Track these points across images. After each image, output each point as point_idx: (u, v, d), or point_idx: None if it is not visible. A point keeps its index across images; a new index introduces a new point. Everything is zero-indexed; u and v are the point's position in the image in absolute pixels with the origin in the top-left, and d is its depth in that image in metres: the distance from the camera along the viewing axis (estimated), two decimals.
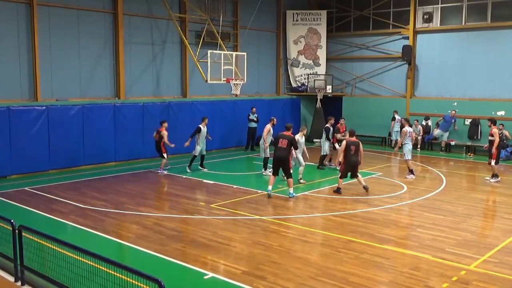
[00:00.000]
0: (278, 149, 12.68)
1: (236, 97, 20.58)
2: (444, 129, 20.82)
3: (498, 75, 20.55)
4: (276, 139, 12.94)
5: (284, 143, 12.62)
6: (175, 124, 19.35)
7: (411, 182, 14.98)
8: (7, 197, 12.54)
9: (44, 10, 16.10)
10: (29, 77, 15.97)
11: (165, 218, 10.84)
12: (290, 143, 12.64)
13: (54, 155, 15.96)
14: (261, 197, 12.91)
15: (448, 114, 20.72)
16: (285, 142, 12.62)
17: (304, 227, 10.24)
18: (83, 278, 6.10)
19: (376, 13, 23.94)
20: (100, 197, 12.74)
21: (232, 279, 7.48)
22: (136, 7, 18.65)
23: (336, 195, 13.16)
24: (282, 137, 12.74)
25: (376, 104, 23.66)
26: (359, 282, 7.42)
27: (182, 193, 13.20)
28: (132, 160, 18.07)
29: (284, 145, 12.60)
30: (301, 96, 25.45)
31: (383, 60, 23.95)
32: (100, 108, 17.17)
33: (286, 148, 12.60)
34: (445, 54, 21.97)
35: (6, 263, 7.29)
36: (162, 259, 8.39)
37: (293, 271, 7.84)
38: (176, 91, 20.43)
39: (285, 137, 12.72)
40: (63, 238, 6.66)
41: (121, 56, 18.08)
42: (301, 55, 25.39)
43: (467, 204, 12.60)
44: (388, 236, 9.73)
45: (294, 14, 25.09)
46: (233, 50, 21.51)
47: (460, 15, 21.52)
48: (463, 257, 8.52)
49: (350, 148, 13.26)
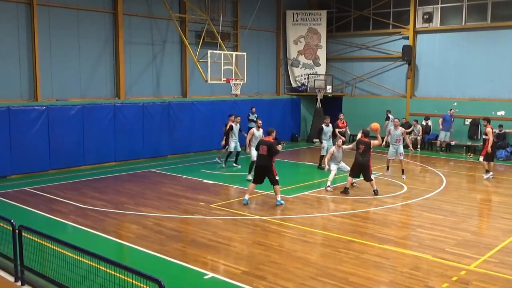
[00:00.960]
0: (259, 156, 11.92)
1: (236, 97, 20.59)
2: (447, 129, 20.77)
3: (498, 75, 20.55)
4: (257, 145, 12.17)
5: (264, 149, 11.76)
6: (175, 124, 19.39)
7: (411, 182, 14.98)
8: (7, 197, 12.54)
9: (44, 10, 16.10)
10: (29, 77, 15.97)
11: (165, 218, 10.84)
12: (269, 149, 11.69)
13: (54, 155, 15.96)
14: (261, 197, 12.91)
15: (447, 114, 20.72)
16: (264, 148, 11.74)
17: (304, 227, 10.24)
18: (83, 278, 6.10)
19: (376, 13, 23.94)
20: (100, 197, 12.74)
21: (232, 279, 7.48)
22: (136, 7, 18.65)
23: (341, 195, 13.09)
24: (262, 143, 11.94)
25: (376, 104, 23.65)
26: (359, 282, 7.42)
27: (182, 193, 13.20)
28: (132, 160, 18.06)
29: (264, 152, 11.73)
30: (301, 96, 25.46)
31: (383, 60, 23.95)
32: (100, 108, 17.17)
33: (267, 155, 11.69)
34: (445, 54, 21.97)
35: (6, 263, 7.29)
36: (162, 259, 8.39)
37: (293, 271, 7.84)
38: (176, 91, 20.43)
39: (265, 143, 11.87)
40: (63, 238, 6.65)
41: (121, 56, 18.08)
42: (301, 55, 25.40)
43: (467, 204, 12.60)
44: (388, 236, 9.73)
45: (294, 14, 25.09)
46: (233, 50, 21.51)
47: (460, 15, 21.52)
48: (463, 257, 8.52)
49: (358, 147, 13.22)
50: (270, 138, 11.98)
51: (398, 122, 15.87)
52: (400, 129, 15.49)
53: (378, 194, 13.03)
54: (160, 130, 18.94)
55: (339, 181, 14.46)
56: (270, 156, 11.73)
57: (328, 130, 16.84)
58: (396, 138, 15.39)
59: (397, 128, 15.47)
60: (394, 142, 15.46)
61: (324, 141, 16.81)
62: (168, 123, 19.22)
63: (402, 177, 15.35)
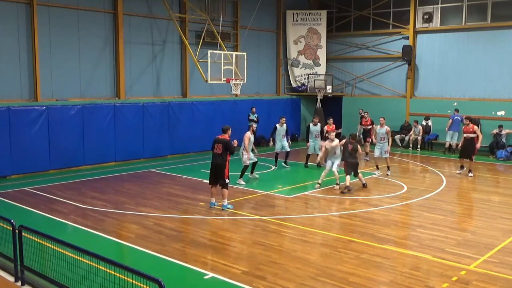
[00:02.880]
0: (214, 155, 11.58)
1: (236, 97, 20.59)
2: (455, 129, 20.58)
3: (498, 75, 20.54)
4: (213, 144, 11.70)
5: (219, 148, 11.44)
6: (175, 124, 19.39)
7: (411, 182, 14.99)
8: (7, 197, 12.54)
9: (44, 10, 16.10)
10: (29, 77, 15.97)
11: (165, 218, 10.84)
12: (225, 147, 11.39)
13: (54, 155, 15.96)
14: (261, 197, 12.91)
15: (453, 114, 20.62)
16: (220, 147, 11.41)
17: (304, 227, 10.24)
18: (83, 278, 6.10)
19: (376, 13, 23.94)
20: (100, 197, 12.74)
21: (232, 279, 7.48)
22: (136, 7, 18.65)
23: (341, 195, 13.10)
24: (217, 142, 11.55)
25: (376, 104, 23.64)
26: (359, 282, 7.42)
27: (182, 193, 13.19)
28: (132, 160, 18.07)
29: (219, 150, 11.42)
30: (301, 96, 25.46)
31: (383, 60, 23.95)
32: (100, 108, 17.17)
33: (222, 154, 11.41)
34: (445, 54, 21.97)
35: (6, 263, 7.29)
36: (162, 259, 8.39)
37: (293, 271, 7.84)
38: (176, 91, 20.43)
39: (220, 141, 11.49)
40: (63, 238, 6.65)
41: (121, 56, 18.08)
42: (301, 55, 25.39)
43: (467, 204, 12.61)
44: (388, 236, 9.73)
45: (294, 14, 25.09)
46: (233, 50, 21.51)
47: (460, 15, 21.52)
48: (463, 257, 8.52)
49: (347, 146, 13.67)
50: (225, 136, 11.62)
51: (384, 120, 16.36)
52: (386, 128, 16.00)
53: (366, 187, 13.72)
54: (160, 130, 18.94)
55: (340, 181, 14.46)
56: (225, 155, 11.50)
57: (314, 130, 17.01)
58: (381, 137, 15.98)
59: (382, 127, 16.02)
60: (380, 140, 16.03)
61: (310, 140, 17.19)
62: (168, 123, 19.22)
63: (388, 173, 15.79)
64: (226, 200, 11.62)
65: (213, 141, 11.70)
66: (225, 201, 11.60)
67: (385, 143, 15.96)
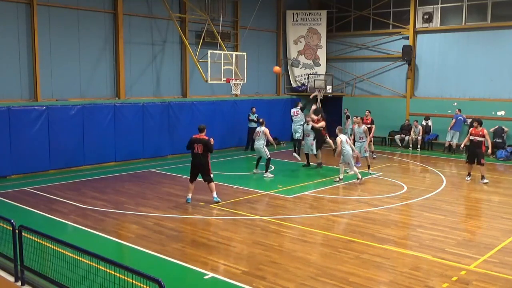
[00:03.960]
0: (194, 155, 11.88)
1: (236, 97, 20.59)
2: (456, 129, 20.59)
3: (498, 75, 20.54)
4: (191, 144, 11.95)
5: (199, 148, 11.76)
6: (175, 124, 19.38)
7: (411, 182, 14.99)
8: (7, 197, 12.54)
9: (44, 10, 16.09)
10: (29, 77, 15.97)
11: (165, 218, 10.84)
12: (206, 146, 11.75)
13: (54, 155, 15.96)
14: (261, 197, 12.91)
15: (455, 114, 20.62)
16: (200, 147, 11.75)
17: (304, 227, 10.24)
18: (83, 278, 6.10)
19: (376, 13, 23.94)
20: (100, 197, 12.74)
21: (232, 279, 7.48)
22: (136, 7, 18.64)
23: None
24: (197, 142, 11.82)
25: (376, 104, 23.63)
26: (359, 282, 7.42)
27: (182, 193, 13.17)
28: (132, 160, 18.07)
29: (200, 150, 11.76)
30: (301, 96, 25.44)
31: (383, 60, 23.95)
32: (100, 108, 17.16)
33: (202, 154, 11.78)
34: (445, 54, 21.97)
35: (6, 263, 7.30)
36: (162, 259, 8.39)
37: (293, 271, 7.84)
38: (176, 91, 20.43)
39: (200, 141, 11.81)
40: (63, 238, 6.65)
41: (121, 56, 18.08)
42: (301, 55, 25.39)
43: (467, 204, 12.61)
44: (388, 236, 9.73)
45: (294, 14, 25.09)
46: (233, 50, 21.51)
47: (460, 15, 21.52)
48: (463, 257, 8.52)
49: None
50: (203, 136, 11.92)
51: (359, 119, 16.64)
52: (363, 127, 16.26)
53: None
54: (160, 130, 18.94)
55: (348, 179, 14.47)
56: (206, 153, 11.84)
57: (305, 128, 17.08)
58: (360, 136, 16.21)
59: (360, 126, 16.28)
60: (358, 139, 16.28)
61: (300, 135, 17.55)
62: (168, 123, 19.23)
63: (369, 171, 15.93)
64: (215, 192, 12.15)
65: (190, 141, 11.99)
66: (214, 193, 12.15)
67: (364, 142, 16.11)
